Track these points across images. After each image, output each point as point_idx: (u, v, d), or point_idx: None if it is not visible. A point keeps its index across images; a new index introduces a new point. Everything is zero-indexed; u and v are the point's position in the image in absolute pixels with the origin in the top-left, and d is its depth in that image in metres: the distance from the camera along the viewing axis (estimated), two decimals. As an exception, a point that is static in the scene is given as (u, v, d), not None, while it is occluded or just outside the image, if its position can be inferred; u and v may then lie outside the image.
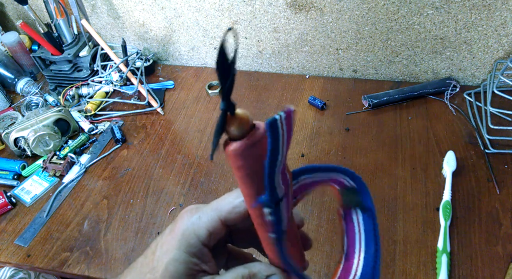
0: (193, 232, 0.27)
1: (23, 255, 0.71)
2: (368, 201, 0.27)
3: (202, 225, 0.27)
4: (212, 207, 0.28)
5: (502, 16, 0.81)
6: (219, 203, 0.28)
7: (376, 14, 0.88)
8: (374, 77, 1.02)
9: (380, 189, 0.75)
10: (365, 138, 0.85)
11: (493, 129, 0.78)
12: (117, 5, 1.03)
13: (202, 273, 0.27)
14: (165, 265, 0.26)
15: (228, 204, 0.27)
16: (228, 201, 0.28)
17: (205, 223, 0.27)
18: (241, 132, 0.21)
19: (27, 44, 1.15)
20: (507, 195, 0.71)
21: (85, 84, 1.03)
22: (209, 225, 0.27)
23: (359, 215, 0.28)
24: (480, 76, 0.94)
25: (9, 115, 1.00)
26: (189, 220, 0.27)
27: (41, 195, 0.82)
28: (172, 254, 0.26)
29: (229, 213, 0.27)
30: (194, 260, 0.26)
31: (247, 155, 0.21)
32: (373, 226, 0.27)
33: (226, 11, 0.97)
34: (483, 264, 0.63)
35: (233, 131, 0.21)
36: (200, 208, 0.28)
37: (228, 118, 0.21)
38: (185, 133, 0.93)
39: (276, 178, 0.22)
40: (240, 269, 0.27)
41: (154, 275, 0.26)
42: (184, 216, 0.28)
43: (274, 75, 1.06)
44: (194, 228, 0.27)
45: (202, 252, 0.27)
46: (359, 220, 0.28)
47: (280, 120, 0.20)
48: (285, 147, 0.22)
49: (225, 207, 0.27)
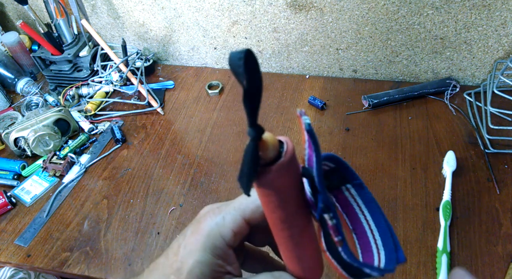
0: (219, 233, 0.26)
1: (23, 255, 0.71)
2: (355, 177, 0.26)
3: (227, 226, 0.26)
4: (235, 207, 0.27)
5: (502, 16, 0.81)
6: (242, 202, 0.27)
7: (376, 14, 0.88)
8: (374, 77, 1.02)
9: (380, 189, 0.75)
10: (365, 138, 0.85)
11: (493, 129, 0.78)
12: (117, 5, 1.03)
13: (228, 275, 0.26)
14: (190, 267, 0.25)
15: (252, 203, 0.27)
16: (251, 200, 0.27)
17: (230, 223, 0.26)
18: (275, 153, 0.20)
19: (27, 44, 1.15)
20: (507, 195, 0.71)
21: (85, 84, 1.03)
22: (234, 226, 0.26)
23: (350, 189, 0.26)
24: (480, 76, 0.94)
25: (9, 115, 1.00)
26: (213, 220, 0.27)
27: (41, 195, 0.82)
28: (197, 256, 0.25)
29: (254, 213, 0.27)
30: (219, 262, 0.26)
31: (287, 173, 0.21)
32: (368, 194, 0.26)
33: (226, 11, 0.97)
34: (483, 264, 0.63)
35: (269, 154, 0.20)
36: (222, 208, 0.27)
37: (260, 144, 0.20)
38: (185, 133, 0.93)
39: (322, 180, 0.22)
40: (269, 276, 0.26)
41: (178, 277, 0.25)
42: (207, 217, 0.27)
43: (274, 75, 1.06)
44: (219, 229, 0.26)
45: (227, 254, 0.26)
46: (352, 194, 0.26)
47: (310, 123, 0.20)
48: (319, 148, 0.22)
49: (249, 206, 0.27)
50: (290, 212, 0.22)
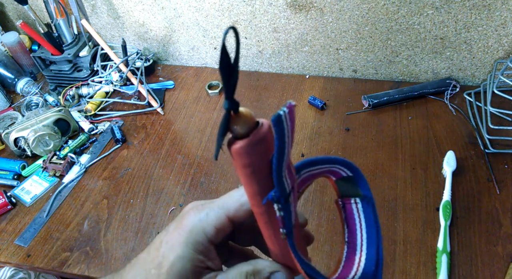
0: (201, 229, 0.26)
1: (23, 255, 0.71)
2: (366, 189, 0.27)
3: (210, 223, 0.27)
4: (218, 205, 0.28)
5: (502, 16, 0.82)
6: (226, 200, 0.28)
7: (376, 14, 0.88)
8: (374, 77, 1.02)
9: (380, 189, 0.75)
10: (365, 138, 0.85)
11: (493, 129, 0.78)
12: (117, 5, 1.04)
13: (207, 270, 0.27)
14: (172, 261, 0.26)
15: (236, 202, 0.27)
16: (236, 199, 0.27)
17: (213, 220, 0.27)
18: (246, 130, 0.21)
19: (27, 44, 1.15)
20: (507, 195, 0.71)
21: (85, 84, 1.03)
22: (217, 223, 0.27)
23: (358, 203, 0.28)
24: (480, 76, 0.94)
25: (9, 115, 1.00)
26: (196, 217, 0.27)
27: (41, 195, 0.82)
28: (179, 251, 0.26)
29: (237, 211, 0.27)
30: (200, 257, 0.26)
31: (252, 153, 0.21)
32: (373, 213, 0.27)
33: (226, 11, 0.97)
34: (483, 264, 0.63)
35: (238, 129, 0.21)
36: (206, 205, 0.28)
37: (232, 117, 0.21)
38: (185, 133, 0.93)
39: (284, 173, 0.22)
40: (245, 265, 0.27)
41: (159, 271, 0.26)
42: (191, 213, 0.27)
43: (274, 75, 1.06)
44: (202, 225, 0.27)
45: (209, 250, 0.27)
46: (358, 208, 0.27)
47: (284, 116, 0.20)
48: (290, 142, 0.22)
49: (232, 205, 0.27)
50: (259, 190, 0.23)
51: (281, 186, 0.22)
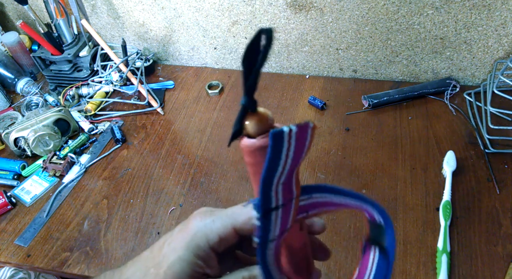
0: (204, 235, 0.26)
1: (23, 255, 0.71)
2: (390, 243, 0.27)
3: (215, 230, 0.27)
4: (227, 214, 0.27)
5: (502, 16, 0.82)
6: (235, 211, 0.27)
7: (376, 14, 0.88)
8: (374, 77, 1.02)
9: (380, 189, 0.75)
10: (365, 138, 0.85)
11: (493, 129, 0.78)
12: (117, 5, 1.04)
13: (205, 276, 0.27)
14: (171, 262, 0.26)
15: (245, 214, 0.27)
16: (245, 211, 0.27)
17: (218, 228, 0.27)
18: (257, 131, 0.21)
19: (27, 44, 1.15)
20: (507, 195, 0.71)
21: (85, 84, 1.03)
22: (222, 232, 0.27)
23: (376, 255, 0.27)
24: (480, 76, 0.94)
25: (9, 115, 1.00)
26: (202, 222, 0.27)
27: (41, 195, 0.82)
28: (180, 253, 0.26)
29: (245, 224, 0.27)
30: (199, 262, 0.26)
31: (256, 155, 0.21)
32: (386, 270, 0.27)
33: (226, 11, 0.97)
34: (483, 264, 0.63)
35: (249, 128, 0.21)
36: (214, 212, 0.28)
37: (248, 114, 0.21)
38: (185, 133, 0.93)
39: (274, 187, 0.22)
40: (242, 271, 0.27)
41: (157, 270, 0.26)
42: (197, 217, 0.27)
43: (274, 75, 1.06)
44: (206, 231, 0.27)
45: (209, 256, 0.27)
46: (374, 259, 0.27)
47: (289, 133, 0.19)
48: (290, 160, 0.21)
49: (241, 216, 0.27)
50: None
51: (265, 199, 0.22)
